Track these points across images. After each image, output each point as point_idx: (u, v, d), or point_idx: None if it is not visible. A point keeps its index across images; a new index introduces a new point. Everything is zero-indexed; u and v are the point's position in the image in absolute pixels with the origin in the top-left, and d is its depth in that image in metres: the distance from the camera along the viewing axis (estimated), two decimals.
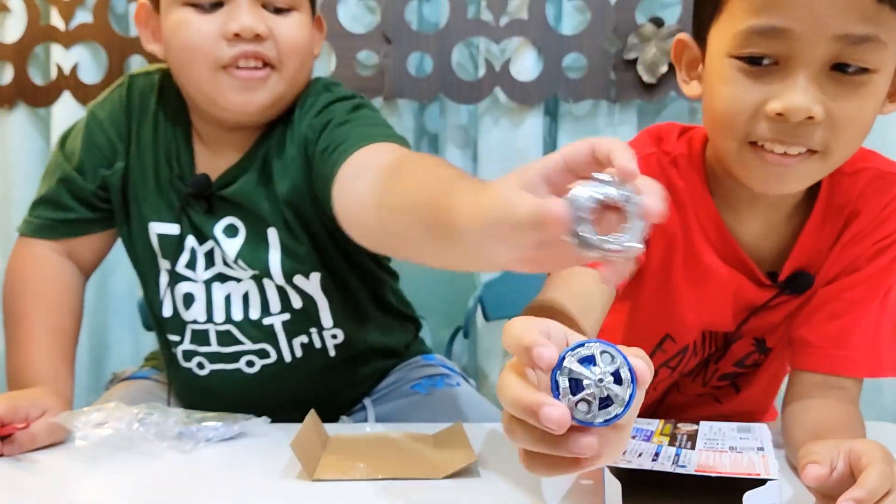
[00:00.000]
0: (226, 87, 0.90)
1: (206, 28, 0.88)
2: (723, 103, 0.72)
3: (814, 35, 0.67)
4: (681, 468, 0.65)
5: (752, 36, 0.69)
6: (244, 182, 0.96)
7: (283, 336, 0.99)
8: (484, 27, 1.66)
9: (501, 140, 1.69)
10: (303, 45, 0.93)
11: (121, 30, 1.75)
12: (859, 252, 0.81)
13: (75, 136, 1.02)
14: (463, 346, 1.74)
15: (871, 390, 1.65)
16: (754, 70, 0.70)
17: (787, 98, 0.68)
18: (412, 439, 0.87)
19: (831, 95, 0.69)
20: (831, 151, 0.71)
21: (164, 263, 0.99)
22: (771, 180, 0.73)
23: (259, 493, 0.73)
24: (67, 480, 0.78)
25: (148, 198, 0.99)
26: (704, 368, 0.92)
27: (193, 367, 1.02)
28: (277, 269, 0.96)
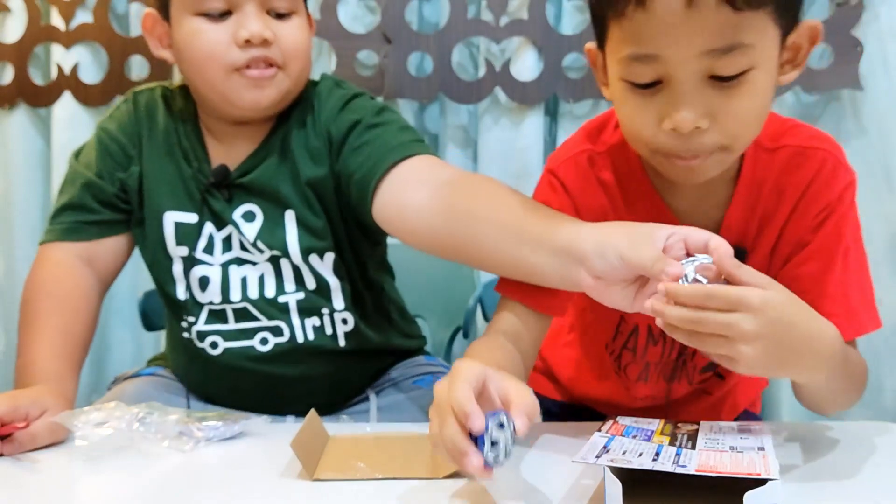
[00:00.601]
0: (239, 87, 0.97)
1: (219, 36, 0.96)
2: (625, 119, 0.80)
3: (682, 57, 0.72)
4: (681, 468, 0.65)
5: (632, 63, 0.75)
6: (265, 168, 1.02)
7: (296, 315, 1.04)
8: (484, 27, 1.67)
9: (501, 140, 1.69)
10: (304, 45, 1.01)
11: (121, 30, 1.75)
12: (803, 228, 0.85)
13: (88, 149, 1.08)
14: (463, 346, 1.74)
15: (871, 390, 1.64)
16: (643, 91, 0.76)
17: (675, 115, 0.74)
18: (412, 439, 0.87)
19: (716, 102, 0.74)
20: (732, 144, 0.77)
21: (180, 250, 1.03)
22: (682, 175, 0.80)
23: (259, 493, 0.73)
24: (67, 480, 0.78)
25: (166, 192, 1.04)
26: (683, 367, 0.96)
27: (207, 346, 1.05)
28: (295, 247, 1.01)
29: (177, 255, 1.04)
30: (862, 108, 1.62)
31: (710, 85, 0.73)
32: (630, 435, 0.76)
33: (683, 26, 0.71)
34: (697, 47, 0.72)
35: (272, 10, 0.98)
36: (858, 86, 1.60)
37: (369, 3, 1.71)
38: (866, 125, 1.62)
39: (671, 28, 0.71)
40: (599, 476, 0.70)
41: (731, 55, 0.72)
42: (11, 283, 1.80)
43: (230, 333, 1.04)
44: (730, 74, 0.73)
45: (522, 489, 0.74)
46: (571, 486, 0.72)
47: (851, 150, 1.63)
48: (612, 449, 0.70)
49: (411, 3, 1.68)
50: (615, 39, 0.76)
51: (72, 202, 1.05)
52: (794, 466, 0.77)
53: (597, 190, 0.89)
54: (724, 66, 0.72)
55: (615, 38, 0.76)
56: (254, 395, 1.05)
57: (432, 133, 1.77)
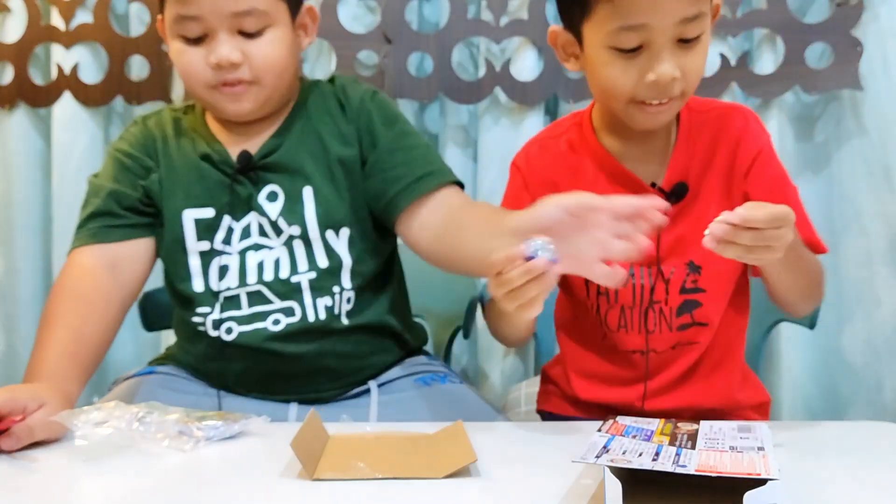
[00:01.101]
0: (220, 100, 1.08)
1: (196, 58, 1.06)
2: (609, 80, 0.99)
3: (664, 24, 0.94)
4: (681, 468, 0.65)
5: (622, 32, 0.95)
6: (287, 147, 1.12)
7: (308, 295, 1.09)
8: (484, 27, 1.67)
9: (501, 140, 1.69)
10: (277, 59, 1.08)
11: (121, 30, 1.75)
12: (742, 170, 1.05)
13: (105, 167, 1.15)
14: (463, 346, 1.74)
15: (871, 390, 1.65)
16: (627, 54, 0.97)
17: (658, 70, 0.95)
18: (412, 439, 0.87)
19: (682, 59, 0.96)
20: (688, 90, 0.99)
21: (201, 245, 1.10)
22: (650, 121, 1.01)
23: (259, 493, 0.73)
24: (67, 480, 0.78)
25: (183, 193, 1.11)
26: (660, 313, 1.05)
27: (222, 333, 1.09)
28: (313, 221, 1.09)
29: (196, 250, 1.10)
30: (862, 108, 1.62)
31: (678, 47, 0.96)
32: (630, 435, 0.76)
33: (667, 1, 0.93)
34: (676, 17, 0.94)
35: (244, 31, 1.05)
36: (858, 86, 1.60)
37: (369, 3, 1.71)
38: (866, 125, 1.62)
39: (658, 3, 0.93)
40: (599, 476, 0.70)
41: (695, 22, 0.95)
42: (11, 283, 1.80)
43: (244, 318, 1.09)
44: (692, 37, 0.96)
45: (522, 489, 0.74)
46: (571, 486, 0.72)
47: (851, 150, 1.63)
48: (612, 449, 0.70)
49: (411, 3, 1.68)
50: (603, 15, 0.96)
51: (97, 210, 1.11)
52: (795, 466, 0.77)
53: (546, 165, 1.10)
54: (690, 31, 0.95)
55: (604, 14, 0.96)
56: (264, 377, 1.09)
57: (432, 133, 1.77)
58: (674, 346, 1.06)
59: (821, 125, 1.68)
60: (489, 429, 0.94)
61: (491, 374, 1.73)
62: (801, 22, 1.61)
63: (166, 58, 1.73)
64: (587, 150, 1.09)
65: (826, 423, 0.96)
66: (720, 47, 1.62)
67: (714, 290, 1.05)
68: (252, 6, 1.04)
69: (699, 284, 1.04)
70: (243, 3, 1.03)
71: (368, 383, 1.14)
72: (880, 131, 1.61)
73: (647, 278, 1.04)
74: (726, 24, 1.62)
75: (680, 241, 1.03)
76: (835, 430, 0.95)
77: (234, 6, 1.03)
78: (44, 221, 1.80)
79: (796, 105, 1.68)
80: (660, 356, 1.06)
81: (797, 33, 1.61)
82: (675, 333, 1.05)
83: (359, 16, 1.71)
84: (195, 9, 1.03)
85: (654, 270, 1.04)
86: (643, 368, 1.06)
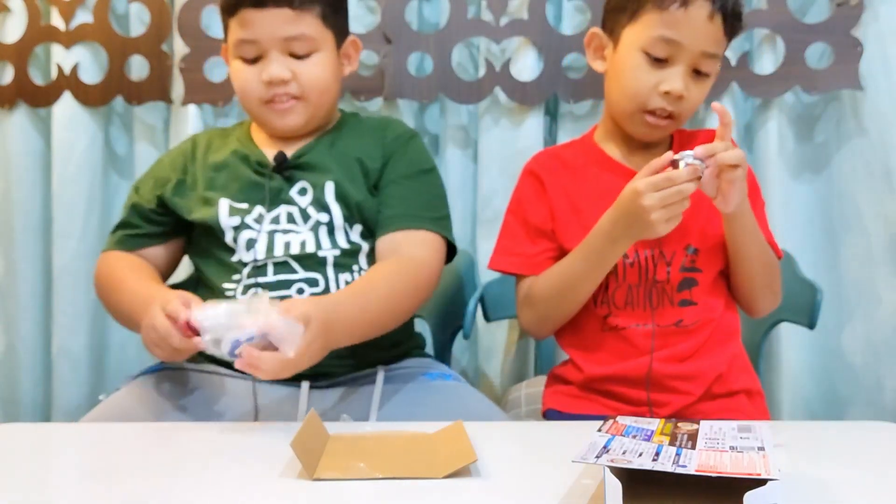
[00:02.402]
0: (270, 115, 1.24)
1: (251, 76, 1.22)
2: (633, 80, 1.16)
3: (691, 48, 1.13)
4: (681, 468, 0.65)
5: (659, 41, 1.13)
6: (317, 151, 1.25)
7: (332, 269, 1.19)
8: (484, 27, 1.67)
9: (501, 140, 1.68)
10: (321, 79, 1.24)
11: (121, 30, 1.75)
12: None
13: (146, 175, 1.32)
14: (463, 346, 1.74)
15: (871, 390, 1.65)
16: (654, 63, 1.14)
17: (672, 83, 1.14)
18: (412, 439, 0.87)
19: (690, 86, 1.15)
20: (680, 116, 1.17)
21: (233, 220, 1.21)
22: (649, 132, 1.19)
23: (259, 493, 0.73)
24: (66, 478, 0.78)
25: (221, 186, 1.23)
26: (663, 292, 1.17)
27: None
28: (338, 212, 1.20)
29: (229, 225, 1.20)
30: (862, 108, 1.62)
31: (690, 75, 1.15)
32: (630, 435, 0.76)
33: (703, 29, 1.12)
34: (703, 47, 1.13)
35: (294, 54, 1.21)
36: (858, 86, 1.60)
37: (369, 3, 1.71)
38: (866, 125, 1.62)
39: (697, 28, 1.12)
40: (599, 476, 0.70)
41: (712, 60, 1.15)
42: (11, 283, 1.80)
43: (270, 285, 1.17)
44: (706, 72, 1.16)
45: (522, 489, 0.74)
46: (571, 486, 0.73)
47: (851, 151, 1.63)
48: (612, 449, 0.70)
49: (411, 3, 1.68)
50: (649, 22, 1.13)
51: (123, 221, 1.28)
52: (794, 466, 0.77)
53: (556, 168, 1.24)
54: (706, 66, 1.15)
55: (649, 21, 1.13)
56: None
57: (432, 133, 1.77)
58: (676, 322, 1.16)
59: (821, 125, 1.68)
60: (489, 429, 0.94)
61: (491, 374, 1.74)
62: (801, 22, 1.61)
63: (166, 58, 1.73)
64: (593, 159, 1.24)
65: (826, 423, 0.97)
66: None
67: (708, 270, 1.18)
68: (302, 32, 1.20)
69: (696, 265, 1.17)
70: (294, 29, 1.19)
71: (378, 367, 1.17)
72: (880, 131, 1.61)
73: (650, 260, 1.16)
74: None
75: (680, 227, 1.10)
76: (835, 430, 0.95)
77: (285, 31, 1.19)
78: (43, 221, 1.80)
79: (796, 105, 1.68)
80: (663, 330, 1.15)
81: (797, 33, 1.61)
82: (677, 308, 1.16)
83: (359, 16, 1.71)
84: (253, 33, 1.20)
85: (656, 252, 1.16)
86: (648, 344, 1.15)
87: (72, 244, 1.73)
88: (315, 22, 1.21)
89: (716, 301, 1.19)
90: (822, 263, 1.66)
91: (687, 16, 1.11)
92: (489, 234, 1.67)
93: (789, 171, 1.67)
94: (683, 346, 1.16)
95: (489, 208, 1.69)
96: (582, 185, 1.22)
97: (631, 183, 1.05)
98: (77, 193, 1.74)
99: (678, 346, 1.16)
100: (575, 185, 1.22)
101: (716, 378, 1.16)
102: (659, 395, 1.14)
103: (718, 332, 1.18)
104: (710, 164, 1.03)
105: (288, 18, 1.19)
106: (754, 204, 1.16)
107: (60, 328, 1.75)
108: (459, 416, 0.89)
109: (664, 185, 1.02)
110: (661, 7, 1.12)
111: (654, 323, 1.16)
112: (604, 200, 1.13)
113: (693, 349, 1.16)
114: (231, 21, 1.22)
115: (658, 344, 1.15)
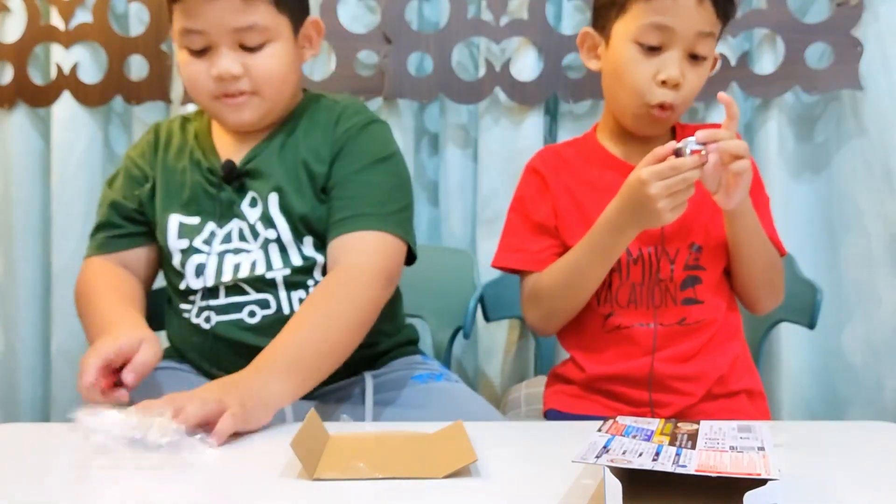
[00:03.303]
0: (222, 110, 1.13)
1: (199, 69, 1.11)
2: (629, 74, 1.14)
3: (684, 32, 1.10)
4: (681, 468, 0.65)
5: (650, 29, 1.10)
6: (264, 155, 1.16)
7: (283, 289, 1.13)
8: (484, 27, 1.67)
9: (501, 140, 1.68)
10: (276, 72, 1.13)
11: (121, 30, 1.75)
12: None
13: (115, 177, 1.24)
14: (463, 346, 1.74)
15: (871, 390, 1.65)
16: (648, 52, 1.12)
17: (668, 70, 1.11)
18: (412, 439, 0.87)
19: (688, 72, 1.13)
20: (680, 105, 1.14)
21: (181, 244, 1.15)
22: (649, 126, 1.17)
23: (259, 493, 0.73)
24: (66, 478, 0.78)
25: (173, 198, 1.17)
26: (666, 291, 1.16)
27: (202, 322, 1.14)
28: (285, 226, 1.13)
29: (177, 248, 1.15)
30: (862, 108, 1.62)
31: (687, 61, 1.12)
32: (630, 435, 0.76)
33: (694, 11, 1.09)
34: (696, 27, 1.10)
35: (245, 45, 1.10)
36: (858, 86, 1.60)
37: (369, 3, 1.71)
38: (866, 125, 1.62)
39: (686, 10, 1.09)
40: (599, 476, 0.70)
41: (707, 40, 1.12)
42: (11, 283, 1.80)
43: (220, 307, 1.13)
44: (702, 55, 1.13)
45: (522, 489, 0.74)
46: (571, 486, 0.72)
47: (851, 150, 1.63)
48: (612, 449, 0.70)
49: (411, 3, 1.68)
50: (638, 11, 1.11)
51: (102, 222, 1.21)
52: (794, 466, 0.77)
53: (559, 167, 1.23)
54: (701, 48, 1.12)
55: (638, 10, 1.11)
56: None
57: (432, 133, 1.77)
58: (680, 321, 1.15)
59: (821, 125, 1.68)
60: (489, 429, 0.94)
61: (491, 374, 1.73)
62: (801, 22, 1.61)
63: (166, 57, 1.73)
64: (594, 156, 1.23)
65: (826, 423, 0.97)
66: (720, 47, 1.62)
67: (711, 268, 1.17)
68: (253, 22, 1.08)
69: (700, 262, 1.17)
70: (245, 19, 1.07)
71: (364, 374, 1.15)
72: (880, 131, 1.61)
73: (653, 257, 1.16)
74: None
75: (683, 225, 1.14)
76: (835, 430, 0.95)
77: (235, 22, 1.07)
78: (43, 221, 1.80)
79: (796, 105, 1.68)
80: (666, 329, 1.15)
81: (797, 33, 1.61)
82: (680, 307, 1.15)
83: (359, 16, 1.71)
84: (199, 23, 1.08)
85: (660, 249, 1.16)
86: (650, 343, 1.14)
87: (71, 244, 1.73)
88: (268, 9, 1.09)
89: (719, 300, 1.18)
90: (822, 263, 1.66)
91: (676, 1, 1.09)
92: (489, 233, 1.67)
93: (789, 171, 1.67)
94: (686, 346, 1.15)
95: (489, 208, 1.69)
96: (584, 183, 1.21)
97: (635, 172, 1.04)
98: (76, 193, 1.74)
99: (681, 345, 1.15)
100: (577, 183, 1.21)
101: (717, 379, 1.16)
102: (661, 396, 1.14)
103: (721, 333, 1.17)
104: (713, 151, 1.01)
105: (237, 8, 1.07)
106: (758, 200, 1.15)
107: (60, 328, 1.75)
108: (453, 419, 0.89)
109: (669, 173, 1.00)
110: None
111: (656, 322, 1.15)
112: (606, 198, 1.12)
113: (695, 349, 1.16)
114: (174, 7, 1.10)
115: (660, 344, 1.15)
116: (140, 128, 1.77)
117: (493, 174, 1.68)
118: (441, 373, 1.20)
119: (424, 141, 1.77)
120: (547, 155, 1.27)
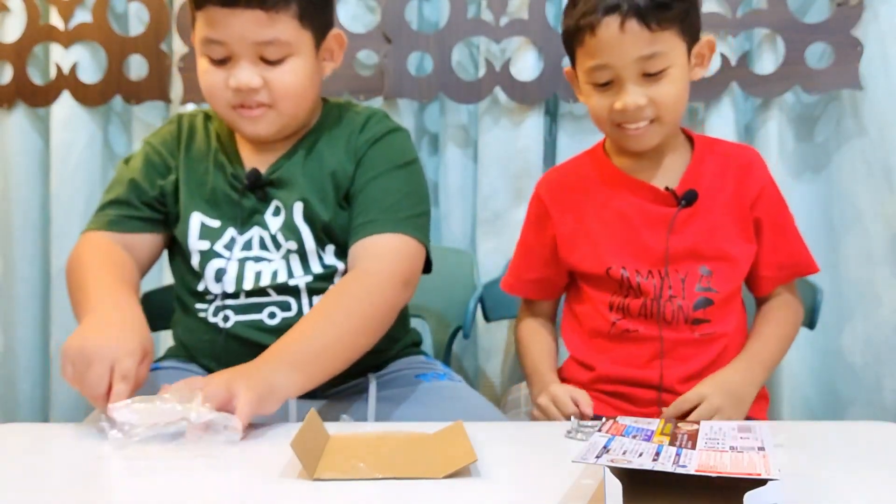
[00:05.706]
0: (239, 121, 1.13)
1: (218, 79, 1.10)
2: (594, 108, 1.17)
3: (624, 62, 1.10)
4: (681, 468, 0.65)
5: (593, 71, 1.13)
6: (289, 165, 1.16)
7: (305, 294, 1.13)
8: (484, 27, 1.66)
9: (501, 140, 1.68)
10: (294, 87, 1.11)
11: (120, 29, 1.75)
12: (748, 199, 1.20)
13: (136, 157, 1.21)
14: (463, 346, 1.74)
15: (871, 390, 1.64)
16: (602, 88, 1.14)
17: (623, 100, 1.12)
18: (412, 439, 0.87)
19: (649, 90, 1.12)
20: (662, 116, 1.14)
21: (201, 244, 1.14)
22: (634, 142, 1.17)
23: (259, 493, 0.73)
24: (65, 478, 0.78)
25: (197, 197, 1.16)
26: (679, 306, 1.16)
27: (220, 321, 1.13)
28: (310, 237, 1.13)
29: (196, 248, 1.14)
30: (862, 108, 1.62)
31: (645, 79, 1.11)
32: (630, 435, 0.76)
33: (619, 44, 1.09)
34: (631, 56, 1.10)
35: (265, 58, 1.09)
36: (858, 86, 1.60)
37: (369, 2, 1.71)
38: (866, 125, 1.62)
39: (612, 46, 1.10)
40: (599, 476, 0.70)
41: (655, 59, 1.10)
42: (11, 283, 1.80)
43: (240, 307, 1.13)
44: (655, 71, 1.11)
45: (522, 489, 0.74)
46: (571, 486, 0.72)
47: (851, 150, 1.63)
48: (612, 449, 0.70)
49: (411, 3, 1.68)
50: (582, 57, 1.14)
51: (118, 198, 1.17)
52: (794, 466, 0.77)
53: (566, 186, 1.25)
54: (651, 66, 1.11)
55: (581, 56, 1.14)
56: None
57: (432, 133, 1.77)
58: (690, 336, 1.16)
59: (821, 125, 1.68)
60: (489, 429, 0.94)
61: (491, 374, 1.73)
62: (801, 22, 1.61)
63: (165, 57, 1.73)
64: (602, 172, 1.23)
65: (826, 423, 0.96)
66: (720, 47, 1.62)
67: (723, 290, 1.17)
68: (275, 36, 1.07)
69: (712, 285, 1.17)
70: (267, 33, 1.06)
71: (368, 375, 1.15)
72: (880, 131, 1.61)
73: (657, 277, 1.17)
74: (726, 24, 1.62)
75: (692, 249, 1.17)
76: (835, 430, 0.95)
77: (258, 35, 1.06)
78: (42, 221, 1.80)
79: (796, 105, 1.68)
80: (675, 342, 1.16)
81: (797, 33, 1.61)
82: (691, 326, 1.16)
83: (359, 15, 1.71)
84: (221, 34, 1.07)
85: (664, 270, 1.17)
86: (657, 350, 1.16)
87: (70, 244, 1.69)
88: (291, 24, 1.08)
89: (731, 317, 1.19)
90: (822, 263, 1.65)
91: (599, 40, 1.09)
92: (489, 233, 1.67)
93: (789, 171, 1.67)
94: (694, 362, 1.16)
95: (489, 208, 1.69)
96: (591, 202, 1.22)
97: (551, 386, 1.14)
98: (76, 193, 1.75)
99: (689, 360, 1.16)
100: (585, 203, 1.23)
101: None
102: (670, 397, 1.13)
103: (731, 350, 1.18)
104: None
105: (260, 21, 1.06)
106: (781, 221, 1.21)
107: (59, 328, 1.75)
108: (457, 418, 0.89)
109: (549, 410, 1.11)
110: (580, 41, 1.12)
111: (661, 336, 1.16)
112: (614, 215, 1.18)
113: (704, 364, 1.16)
114: (198, 14, 1.09)
115: (668, 349, 1.16)
116: (139, 127, 1.77)
117: (493, 174, 1.68)
118: (444, 373, 1.20)
119: (424, 141, 1.77)
120: (552, 178, 1.29)
